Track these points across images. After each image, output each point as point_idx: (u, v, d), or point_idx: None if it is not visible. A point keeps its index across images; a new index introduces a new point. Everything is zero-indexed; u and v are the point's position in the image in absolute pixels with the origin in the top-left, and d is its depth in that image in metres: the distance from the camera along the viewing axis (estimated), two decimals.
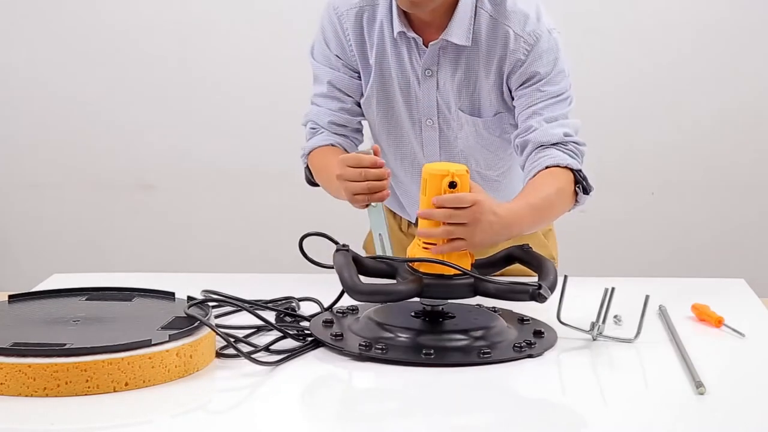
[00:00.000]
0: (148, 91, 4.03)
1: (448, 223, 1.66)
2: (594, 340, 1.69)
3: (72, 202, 4.09)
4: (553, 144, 1.94)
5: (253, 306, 1.76)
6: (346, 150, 2.08)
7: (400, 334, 1.62)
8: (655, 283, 2.07)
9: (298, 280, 2.02)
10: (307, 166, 2.12)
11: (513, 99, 2.00)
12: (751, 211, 4.03)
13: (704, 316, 1.81)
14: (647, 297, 1.69)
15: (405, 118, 2.07)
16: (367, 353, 1.57)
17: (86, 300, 1.72)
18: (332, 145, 2.08)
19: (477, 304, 1.78)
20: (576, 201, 1.96)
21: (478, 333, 1.65)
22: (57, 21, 4.00)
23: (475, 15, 1.96)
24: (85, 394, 1.43)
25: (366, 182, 1.82)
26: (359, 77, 2.09)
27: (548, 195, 1.88)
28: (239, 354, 1.55)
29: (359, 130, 2.14)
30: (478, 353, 1.58)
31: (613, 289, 1.69)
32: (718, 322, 1.78)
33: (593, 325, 1.69)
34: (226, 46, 3.97)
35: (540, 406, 1.48)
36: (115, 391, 1.45)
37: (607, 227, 4.03)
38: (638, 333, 1.68)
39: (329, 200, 2.21)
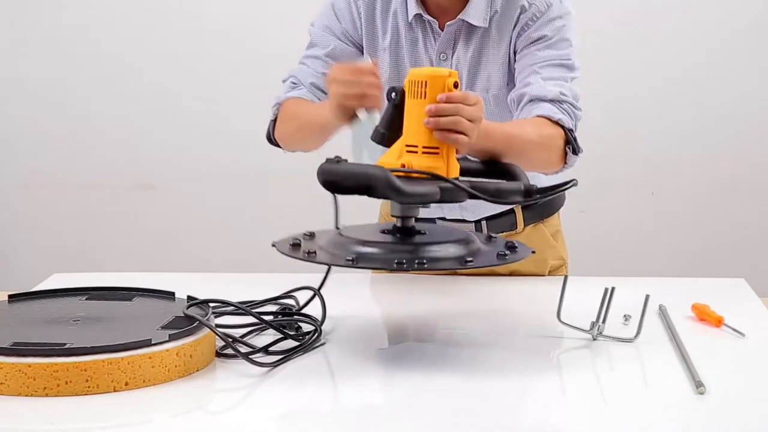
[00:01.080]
0: (148, 91, 4.03)
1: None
2: (594, 339, 1.69)
3: (72, 202, 4.10)
4: (549, 100, 1.92)
5: (252, 305, 1.76)
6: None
7: (385, 247, 1.59)
8: (655, 283, 2.06)
9: (297, 279, 2.01)
10: (274, 120, 2.06)
11: (515, 61, 2.00)
12: (751, 211, 4.03)
13: (704, 316, 1.81)
14: (647, 297, 1.69)
15: None
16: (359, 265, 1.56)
17: (86, 300, 1.72)
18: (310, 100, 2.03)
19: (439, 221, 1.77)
20: (565, 162, 1.94)
21: (462, 242, 1.61)
22: (56, 21, 4.00)
23: None
24: (85, 394, 1.43)
25: (359, 86, 1.73)
26: (361, 53, 2.08)
27: (527, 133, 1.85)
28: (238, 355, 1.55)
29: None
30: (504, 254, 1.58)
31: (613, 289, 1.69)
32: (718, 322, 1.78)
33: (593, 324, 1.69)
34: (227, 45, 3.98)
35: (540, 406, 1.48)
36: (115, 390, 1.45)
37: (607, 227, 4.03)
38: (638, 333, 1.68)
39: (327, 200, 2.19)
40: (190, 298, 1.68)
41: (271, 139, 2.09)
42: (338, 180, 1.62)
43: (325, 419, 1.43)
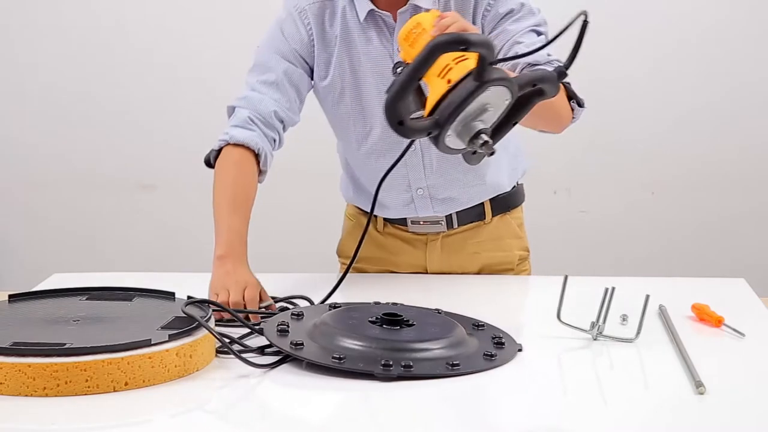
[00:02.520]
0: (149, 91, 4.03)
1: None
2: (594, 340, 1.69)
3: (72, 202, 4.10)
4: (542, 63, 1.91)
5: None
6: (259, 158, 2.05)
7: (362, 344, 1.57)
8: (655, 283, 2.07)
9: (296, 279, 2.02)
10: (219, 151, 2.09)
11: None
12: (751, 211, 4.03)
13: (704, 316, 1.81)
14: (647, 297, 1.69)
15: (376, 103, 2.05)
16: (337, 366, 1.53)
17: (86, 300, 1.72)
18: (257, 154, 2.04)
19: (436, 309, 1.78)
20: (573, 116, 1.95)
21: (442, 343, 1.59)
22: (57, 21, 4.00)
23: None
24: (85, 394, 1.43)
25: (231, 309, 1.75)
26: (311, 75, 2.09)
27: None
28: (236, 356, 1.55)
29: (283, 132, 2.11)
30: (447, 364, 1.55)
31: (613, 289, 1.69)
32: (718, 322, 1.78)
33: (593, 324, 1.69)
34: (227, 45, 3.97)
35: (540, 406, 1.48)
36: (115, 390, 1.45)
37: (607, 227, 4.03)
38: (638, 333, 1.68)
39: (327, 201, 2.19)
40: (190, 298, 1.67)
41: (211, 164, 2.13)
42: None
43: (325, 419, 1.43)
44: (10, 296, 1.72)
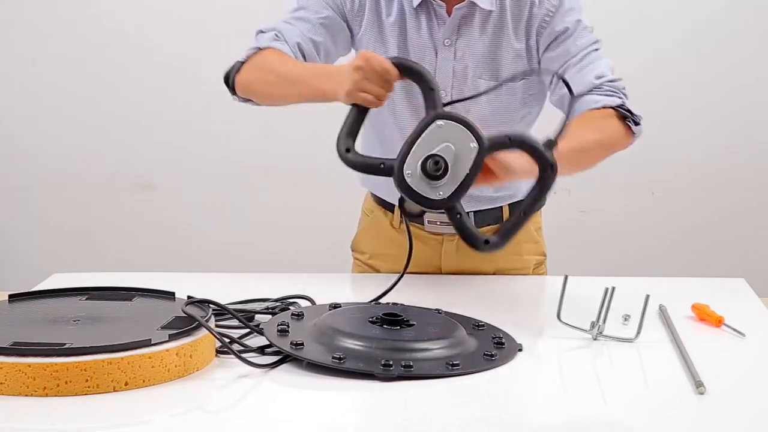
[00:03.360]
0: (149, 91, 4.03)
1: None
2: (594, 339, 1.69)
3: (72, 202, 4.10)
4: (588, 91, 1.93)
5: (248, 311, 1.76)
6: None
7: (362, 344, 1.57)
8: (655, 283, 2.06)
9: (296, 279, 2.02)
10: (242, 62, 2.02)
11: (540, 61, 2.00)
12: (751, 210, 4.04)
13: (704, 315, 1.81)
14: (647, 297, 1.69)
15: (402, 96, 2.02)
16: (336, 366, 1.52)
17: (86, 300, 1.72)
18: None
19: (436, 309, 1.78)
20: (633, 134, 1.96)
21: (442, 343, 1.59)
22: (58, 22, 4.00)
23: None
24: (85, 394, 1.43)
25: (374, 83, 1.69)
26: (351, 42, 2.06)
27: (582, 133, 1.85)
28: (236, 356, 1.55)
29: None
30: (447, 364, 1.55)
31: (613, 288, 1.69)
32: (718, 322, 1.78)
33: (593, 324, 1.69)
34: (227, 45, 3.97)
35: (540, 406, 1.48)
36: (114, 390, 1.44)
37: (607, 227, 4.03)
38: (638, 333, 1.68)
39: (327, 200, 2.18)
40: (190, 298, 1.67)
41: (228, 81, 2.04)
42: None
43: (325, 419, 1.43)
44: (10, 296, 1.72)
